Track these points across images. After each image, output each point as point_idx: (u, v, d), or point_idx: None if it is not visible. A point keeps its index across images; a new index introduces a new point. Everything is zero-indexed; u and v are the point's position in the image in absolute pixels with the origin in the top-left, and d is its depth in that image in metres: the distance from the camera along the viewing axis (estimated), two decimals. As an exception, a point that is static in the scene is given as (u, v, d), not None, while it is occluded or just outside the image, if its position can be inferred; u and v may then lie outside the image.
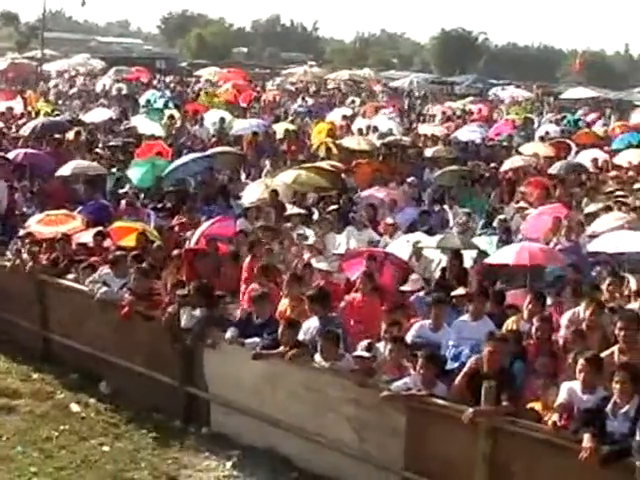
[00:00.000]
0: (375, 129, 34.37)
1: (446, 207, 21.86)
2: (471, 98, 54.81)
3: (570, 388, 10.05)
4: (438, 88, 67.97)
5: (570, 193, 23.38)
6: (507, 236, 18.43)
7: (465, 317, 12.29)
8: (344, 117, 37.77)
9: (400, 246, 17.25)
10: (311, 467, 11.77)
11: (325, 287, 13.39)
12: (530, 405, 10.40)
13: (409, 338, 12.05)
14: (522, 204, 21.70)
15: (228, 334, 12.56)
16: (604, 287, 13.85)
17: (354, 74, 68.09)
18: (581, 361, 10.06)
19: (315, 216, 19.90)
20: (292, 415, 11.99)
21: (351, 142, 29.84)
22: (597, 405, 9.76)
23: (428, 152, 28.75)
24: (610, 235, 17.48)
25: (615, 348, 10.82)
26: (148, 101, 41.21)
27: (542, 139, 32.45)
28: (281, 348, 11.95)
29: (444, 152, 28.60)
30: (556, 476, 9.82)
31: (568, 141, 31.83)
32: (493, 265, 16.05)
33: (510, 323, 12.29)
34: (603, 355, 10.54)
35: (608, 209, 21.01)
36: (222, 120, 33.42)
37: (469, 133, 32.79)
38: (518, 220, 20.50)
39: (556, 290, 14.79)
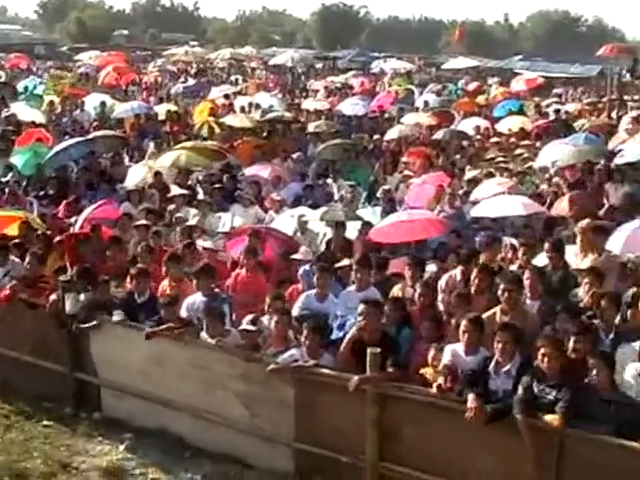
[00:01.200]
0: (257, 106, 34.37)
1: (330, 181, 21.98)
2: (353, 72, 55.04)
3: (453, 350, 10.23)
4: (320, 63, 68.09)
5: (452, 161, 23.70)
6: (391, 206, 18.58)
7: (351, 288, 12.35)
8: (226, 96, 37.63)
9: (285, 221, 17.30)
10: (204, 445, 11.76)
11: (210, 263, 13.34)
12: (422, 371, 10.54)
13: (295, 310, 12.10)
14: (406, 173, 21.93)
15: (115, 317, 12.46)
16: (487, 251, 14.02)
17: (236, 53, 67.84)
18: (464, 322, 10.25)
19: (200, 196, 19.80)
20: (182, 394, 11.95)
21: (234, 120, 29.79)
22: (480, 365, 9.95)
23: (311, 127, 28.83)
24: (492, 200, 17.75)
25: (497, 309, 11.03)
26: (26, 88, 40.38)
27: (422, 109, 32.76)
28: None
29: (327, 126, 28.71)
30: (445, 437, 9.96)
31: (451, 110, 32.20)
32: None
33: (395, 290, 12.43)
34: (485, 316, 10.75)
35: (490, 175, 21.36)
36: (103, 104, 33.02)
37: (351, 106, 32.94)
38: (402, 190, 20.70)
39: (440, 257, 15.01)
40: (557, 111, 33.83)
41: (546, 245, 13.13)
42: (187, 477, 11.29)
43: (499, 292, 11.10)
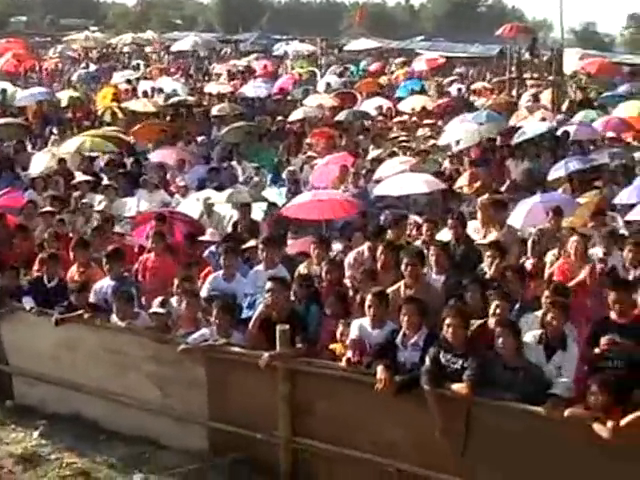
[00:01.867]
0: (160, 91, 34.24)
1: (235, 163, 22.09)
2: (255, 55, 54.97)
3: (360, 325, 10.41)
4: (222, 47, 67.74)
5: (356, 141, 23.99)
6: (296, 187, 18.83)
7: (259, 267, 12.48)
8: (128, 81, 37.42)
9: (190, 204, 17.40)
10: (118, 427, 11.80)
11: (119, 247, 13.36)
12: (331, 346, 10.70)
13: (204, 291, 12.20)
14: (310, 154, 22.13)
15: (27, 305, 12.42)
16: (394, 229, 14.23)
17: (137, 37, 67.18)
18: (369, 297, 10.44)
19: (104, 181, 19.74)
20: (94, 378, 11.98)
21: (137, 105, 29.73)
22: (387, 338, 10.16)
23: (214, 110, 28.86)
24: (395, 179, 18.05)
25: (401, 283, 11.26)
26: None
27: (325, 91, 32.92)
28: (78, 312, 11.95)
29: (230, 109, 28.76)
30: (355, 410, 10.15)
31: (353, 91, 32.43)
32: (284, 216, 16.37)
33: (302, 268, 12.60)
34: (390, 290, 10.97)
35: (393, 154, 21.69)
36: (4, 91, 32.64)
37: (254, 89, 32.99)
38: (307, 170, 20.93)
39: (346, 235, 15.25)
40: (459, 90, 34.37)
41: (449, 221, 13.43)
42: (102, 460, 11.30)
43: (402, 267, 11.34)
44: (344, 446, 10.27)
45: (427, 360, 9.68)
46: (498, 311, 10.18)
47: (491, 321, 10.11)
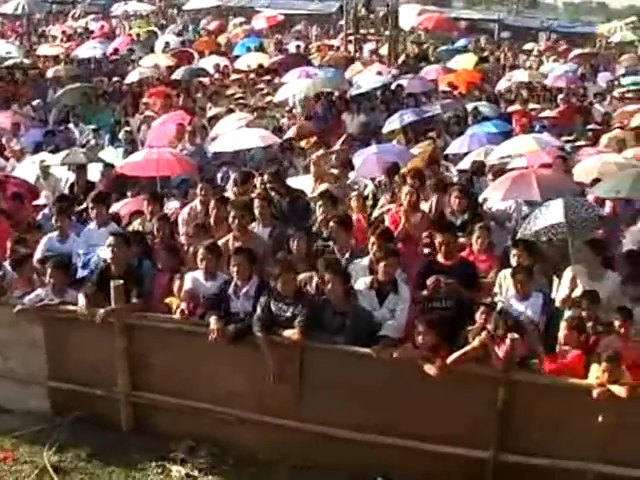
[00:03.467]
0: (-6, 53, 33.33)
1: (72, 126, 21.83)
2: (93, 16, 53.86)
3: (194, 277, 10.62)
4: (58, 8, 66.10)
5: (193, 99, 23.97)
6: (133, 147, 18.76)
7: (91, 225, 12.50)
8: (-42, 46, 36.29)
9: (26, 168, 17.19)
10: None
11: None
12: (167, 300, 10.83)
13: (39, 253, 12.13)
14: (147, 114, 22.02)
15: None
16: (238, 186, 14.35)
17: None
18: (200, 250, 10.64)
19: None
20: None
21: (-31, 69, 28.94)
22: (220, 289, 10.40)
23: (50, 72, 28.31)
24: (230, 135, 18.16)
25: (230, 235, 11.48)
26: None
27: (163, 50, 32.66)
28: None
29: (66, 71, 28.25)
30: (192, 361, 10.38)
31: (189, 50, 32.26)
32: (122, 176, 16.34)
33: (135, 225, 12.72)
34: (220, 243, 11.18)
35: (230, 112, 21.76)
36: None
37: (89, 50, 32.39)
38: (144, 130, 20.85)
39: (182, 193, 15.36)
40: (297, 47, 34.54)
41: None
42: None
43: (230, 219, 11.58)
44: (184, 397, 10.49)
45: (258, 309, 9.96)
46: (326, 260, 10.47)
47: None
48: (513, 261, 10.88)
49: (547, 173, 13.59)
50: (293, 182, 14.62)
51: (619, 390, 9.01)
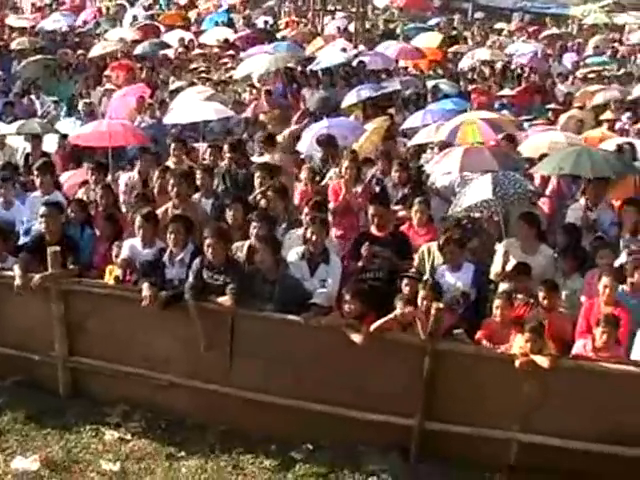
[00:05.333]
0: (-40, 25, 33.19)
1: (33, 97, 21.86)
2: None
3: (131, 245, 10.80)
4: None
5: (157, 73, 24.02)
6: (92, 119, 18.75)
7: (36, 193, 12.63)
8: None
9: (-17, 138, 17.24)
10: None
11: None
12: (108, 268, 10.95)
13: (-18, 221, 12.25)
14: (108, 87, 22.07)
15: None
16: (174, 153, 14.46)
17: None
18: (138, 218, 10.83)
19: None
20: None
21: None
22: (155, 256, 10.56)
23: (14, 44, 28.22)
24: (185, 107, 18.28)
25: (169, 204, 11.64)
26: None
27: (130, 24, 32.59)
28: None
29: (30, 43, 28.13)
30: (127, 327, 10.50)
31: (155, 23, 32.21)
32: (78, 147, 16.44)
33: (79, 194, 12.87)
34: (159, 211, 11.37)
35: (192, 85, 21.85)
36: None
37: (54, 22, 32.23)
38: (105, 103, 20.91)
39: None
40: (265, 22, 34.54)
41: (225, 146, 13.82)
42: None
43: (169, 187, 11.73)
44: (119, 362, 10.65)
45: (190, 276, 10.12)
46: (257, 230, 10.66)
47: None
48: (441, 235, 11.06)
49: (477, 150, 13.73)
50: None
51: (542, 360, 9.22)
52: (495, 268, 11.06)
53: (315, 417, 9.92)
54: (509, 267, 10.83)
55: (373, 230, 11.16)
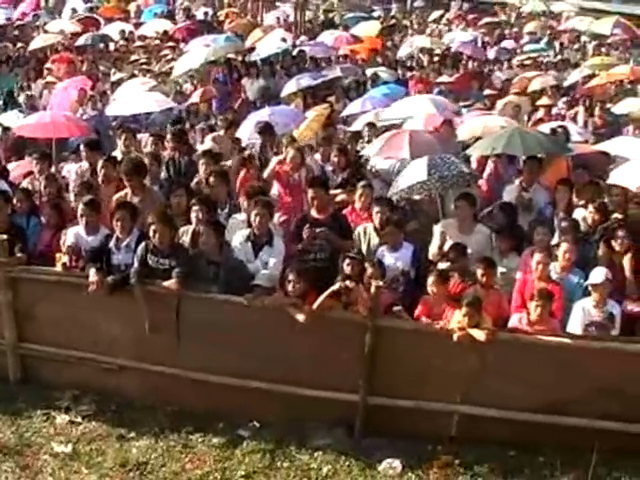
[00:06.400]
0: None
1: (-28, 91, 21.85)
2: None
3: (76, 232, 10.96)
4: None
5: (97, 65, 24.11)
6: (33, 111, 18.81)
7: (-21, 183, 12.76)
8: None
9: None
10: None
11: None
12: (58, 255, 11.03)
13: None
14: (49, 80, 22.09)
15: None
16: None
17: None
18: (80, 206, 11.04)
19: None
20: None
21: None
22: (102, 243, 10.76)
23: (-51, 38, 28.05)
24: (127, 99, 18.48)
25: (128, 190, 11.84)
26: None
27: (70, 16, 32.50)
28: None
29: (-33, 36, 28.04)
30: (76, 312, 10.64)
31: (96, 16, 32.18)
32: (21, 139, 16.53)
33: (24, 183, 13.06)
34: (114, 198, 11.64)
35: (133, 77, 21.97)
36: None
37: (-8, 15, 32.14)
38: (46, 95, 20.96)
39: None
40: (205, 14, 34.64)
41: (168, 135, 14.04)
42: None
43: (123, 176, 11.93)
44: (68, 348, 10.82)
45: (136, 261, 10.33)
46: (199, 214, 10.92)
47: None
48: (375, 217, 11.39)
49: (421, 134, 14.04)
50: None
51: (479, 334, 9.52)
52: (433, 248, 11.39)
53: (262, 395, 10.16)
54: (446, 247, 11.14)
55: (313, 213, 11.44)
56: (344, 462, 9.75)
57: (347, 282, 9.83)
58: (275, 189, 13.00)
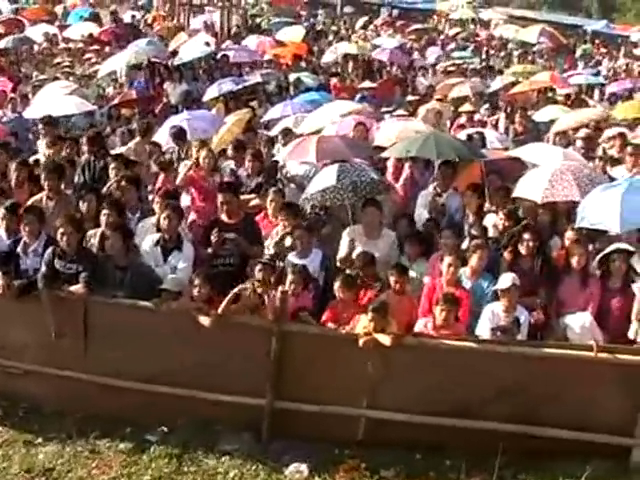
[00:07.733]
0: None
1: None
2: None
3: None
4: None
5: (19, 67, 23.98)
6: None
7: None
8: None
9: None
10: None
11: None
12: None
13: None
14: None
15: None
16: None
17: None
18: (2, 210, 11.06)
19: None
20: None
21: None
22: (10, 247, 10.73)
23: None
24: (44, 101, 18.41)
25: (38, 196, 11.81)
26: None
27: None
28: None
29: None
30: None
31: (19, 17, 31.93)
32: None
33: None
34: (29, 202, 11.59)
35: (56, 79, 21.87)
36: None
37: None
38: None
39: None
40: (132, 17, 34.57)
41: (84, 139, 14.04)
42: None
43: (42, 181, 11.93)
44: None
45: (42, 266, 10.29)
46: (108, 218, 10.90)
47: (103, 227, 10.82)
48: (280, 223, 11.53)
49: (329, 138, 14.12)
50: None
51: (384, 339, 9.61)
52: (340, 255, 11.47)
53: (169, 400, 10.16)
54: (354, 255, 11.22)
55: (223, 217, 11.49)
56: (251, 466, 9.78)
57: (252, 285, 9.88)
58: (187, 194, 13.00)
